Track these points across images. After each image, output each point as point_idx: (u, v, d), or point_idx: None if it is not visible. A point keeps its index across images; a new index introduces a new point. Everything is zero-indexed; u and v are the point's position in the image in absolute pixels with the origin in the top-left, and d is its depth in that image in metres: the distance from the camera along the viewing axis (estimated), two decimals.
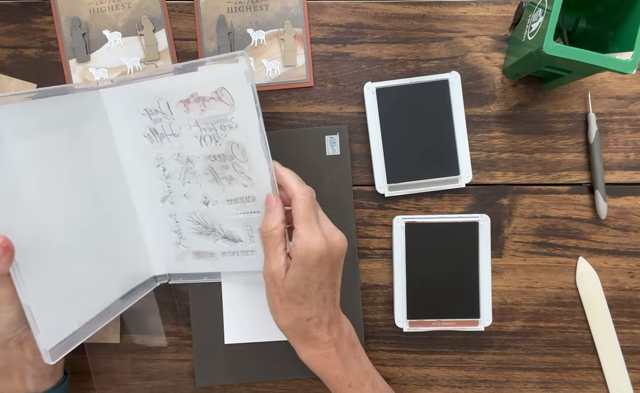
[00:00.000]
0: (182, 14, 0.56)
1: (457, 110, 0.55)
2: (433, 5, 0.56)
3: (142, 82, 0.46)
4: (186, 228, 0.52)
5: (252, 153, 0.46)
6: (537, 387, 0.56)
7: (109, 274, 0.49)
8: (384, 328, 0.56)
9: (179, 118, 0.47)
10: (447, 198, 0.56)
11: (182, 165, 0.49)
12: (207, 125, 0.46)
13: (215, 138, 0.47)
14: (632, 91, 0.55)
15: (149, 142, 0.49)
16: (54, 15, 0.55)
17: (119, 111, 0.49)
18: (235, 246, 0.52)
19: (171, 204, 0.52)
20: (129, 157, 0.50)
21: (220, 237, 0.52)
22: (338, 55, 0.56)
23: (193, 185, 0.50)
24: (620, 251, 0.55)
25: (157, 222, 0.52)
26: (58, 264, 0.44)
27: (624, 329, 0.56)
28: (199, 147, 0.48)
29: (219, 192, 0.49)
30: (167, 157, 0.50)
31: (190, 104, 0.46)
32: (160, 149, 0.49)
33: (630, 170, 0.55)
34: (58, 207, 0.44)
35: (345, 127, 0.55)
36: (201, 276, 0.54)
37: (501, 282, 0.56)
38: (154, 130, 0.49)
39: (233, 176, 0.48)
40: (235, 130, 0.46)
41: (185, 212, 0.51)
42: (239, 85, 0.43)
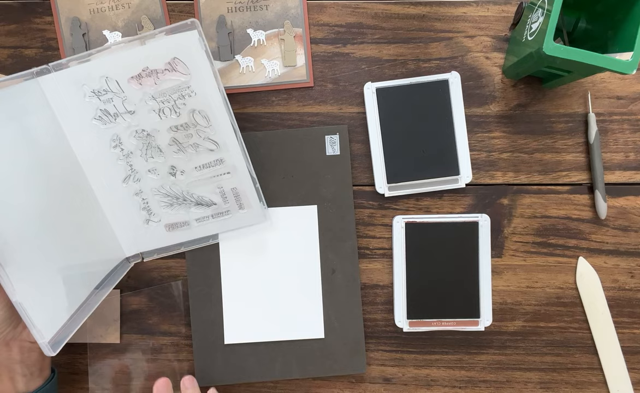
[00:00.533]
0: (182, 14, 0.56)
1: (457, 110, 0.55)
2: (433, 5, 0.56)
3: (83, 64, 0.45)
4: (155, 203, 0.51)
5: (215, 116, 0.46)
6: (537, 387, 0.56)
7: (83, 263, 0.49)
8: (384, 328, 0.56)
9: (133, 95, 0.46)
10: (447, 199, 0.56)
11: (142, 141, 0.48)
12: (164, 97, 0.46)
13: (174, 109, 0.46)
14: (632, 91, 0.55)
15: (102, 124, 0.48)
16: (54, 15, 0.55)
17: (62, 98, 0.47)
18: (209, 210, 0.51)
19: (135, 182, 0.51)
20: (80, 143, 0.49)
21: (193, 204, 0.51)
22: (338, 55, 0.56)
23: (157, 159, 0.49)
24: (620, 251, 0.55)
25: (121, 203, 0.51)
26: (37, 259, 0.44)
27: (624, 329, 0.56)
28: (159, 120, 0.47)
29: (185, 161, 0.49)
30: (125, 136, 0.48)
31: (142, 78, 0.45)
32: (114, 128, 0.48)
33: (630, 170, 0.55)
34: (23, 204, 0.44)
35: (345, 127, 0.55)
36: (177, 247, 0.54)
37: (501, 282, 0.56)
38: (106, 111, 0.47)
39: (198, 143, 0.48)
40: (194, 97, 0.46)
41: (152, 187, 0.51)
42: (193, 52, 0.43)
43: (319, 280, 0.55)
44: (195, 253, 0.55)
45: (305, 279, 0.55)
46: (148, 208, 0.52)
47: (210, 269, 0.55)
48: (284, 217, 0.55)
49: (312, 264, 0.55)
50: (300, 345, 0.55)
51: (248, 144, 0.55)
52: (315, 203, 0.55)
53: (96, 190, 0.51)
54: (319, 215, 0.55)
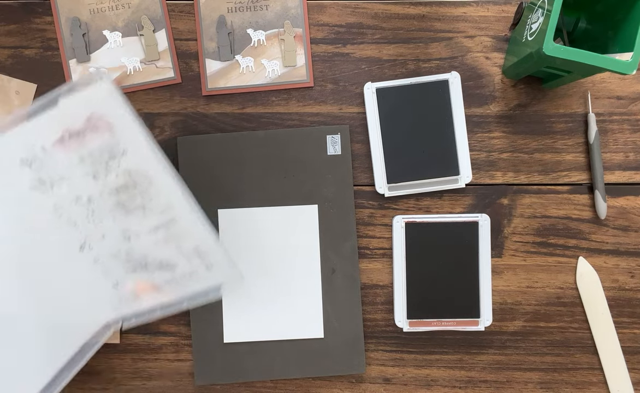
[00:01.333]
0: (182, 14, 0.56)
1: (457, 110, 0.55)
2: (433, 5, 0.56)
3: (4, 134, 0.41)
4: (117, 268, 0.48)
5: (154, 174, 0.42)
6: (537, 387, 0.56)
7: (58, 336, 0.47)
8: (384, 328, 0.56)
9: (61, 160, 0.42)
10: (447, 198, 0.56)
11: (84, 208, 0.45)
12: (93, 159, 0.42)
13: (108, 170, 0.43)
14: (632, 91, 0.55)
15: (40, 193, 0.44)
16: (54, 15, 0.55)
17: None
18: (175, 272, 0.47)
19: (91, 250, 0.47)
20: (23, 217, 0.44)
21: (156, 268, 0.47)
22: (338, 56, 0.56)
23: (106, 223, 0.45)
24: (620, 251, 0.55)
25: (83, 272, 0.48)
26: (8, 336, 0.42)
27: (625, 329, 0.56)
28: (95, 183, 0.43)
29: (136, 223, 0.45)
30: (66, 204, 0.45)
31: (66, 141, 0.42)
32: (53, 197, 0.44)
33: (630, 170, 0.55)
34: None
35: (346, 127, 0.55)
36: (153, 311, 0.49)
37: (501, 282, 0.56)
38: (41, 180, 0.43)
39: (145, 204, 0.44)
40: (127, 156, 0.41)
41: (109, 252, 0.47)
42: (110, 106, 0.39)
43: (319, 279, 0.55)
44: None
45: (305, 279, 0.55)
46: (111, 275, 0.48)
47: None
48: (285, 217, 0.55)
49: (312, 264, 0.55)
50: (300, 344, 0.55)
51: (249, 144, 0.55)
52: (315, 203, 0.55)
53: (54, 262, 0.47)
54: (319, 215, 0.55)
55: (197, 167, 0.55)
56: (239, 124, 0.56)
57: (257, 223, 0.55)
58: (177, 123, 0.56)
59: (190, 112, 0.56)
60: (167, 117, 0.56)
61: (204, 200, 0.55)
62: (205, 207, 0.55)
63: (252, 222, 0.55)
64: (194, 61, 0.56)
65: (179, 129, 0.56)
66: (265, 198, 0.55)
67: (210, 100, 0.56)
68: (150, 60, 0.56)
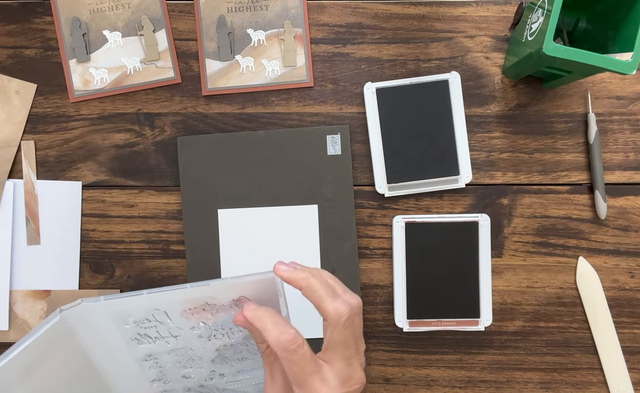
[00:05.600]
0: (182, 14, 0.56)
1: (457, 110, 0.55)
2: (433, 5, 0.56)
3: (132, 298, 0.37)
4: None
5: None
6: (537, 387, 0.56)
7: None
8: (384, 328, 0.56)
9: (182, 324, 0.39)
10: (447, 198, 0.56)
11: (182, 357, 0.42)
12: (217, 326, 0.40)
13: (228, 335, 0.40)
14: (632, 91, 0.55)
15: (137, 343, 0.41)
16: (54, 15, 0.55)
17: (93, 327, 0.39)
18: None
19: (165, 384, 0.45)
20: (108, 362, 0.42)
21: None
22: (338, 56, 0.56)
23: (195, 369, 0.43)
24: (620, 251, 0.55)
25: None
26: None
27: (625, 329, 0.56)
28: (206, 342, 0.41)
29: (227, 368, 0.44)
30: (162, 354, 0.42)
31: (197, 311, 0.38)
32: (152, 349, 0.41)
33: (630, 170, 0.55)
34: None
35: (346, 127, 0.55)
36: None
37: (501, 282, 0.56)
38: (145, 335, 0.40)
39: (247, 356, 0.43)
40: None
41: (183, 387, 0.45)
42: (268, 291, 0.37)
43: None
44: (195, 253, 0.55)
45: None
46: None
47: (210, 267, 0.55)
48: (285, 217, 0.55)
49: (312, 264, 0.55)
50: None
51: (249, 144, 0.55)
52: (315, 203, 0.55)
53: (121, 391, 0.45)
54: (319, 215, 0.55)
55: (197, 167, 0.55)
56: (239, 124, 0.56)
57: (257, 223, 0.55)
58: (177, 123, 0.56)
59: (190, 112, 0.56)
60: (167, 117, 0.56)
61: (204, 200, 0.55)
62: (205, 207, 0.55)
63: (252, 222, 0.55)
64: (194, 61, 0.56)
65: (179, 129, 0.56)
66: (265, 198, 0.55)
67: (210, 100, 0.56)
68: (150, 60, 0.56)
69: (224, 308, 0.38)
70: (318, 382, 0.33)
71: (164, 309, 0.38)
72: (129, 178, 0.56)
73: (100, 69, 0.56)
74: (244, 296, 0.37)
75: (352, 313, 0.34)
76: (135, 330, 0.40)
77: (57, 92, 0.56)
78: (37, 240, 0.55)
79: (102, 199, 0.56)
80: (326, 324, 0.35)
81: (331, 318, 0.34)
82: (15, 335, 0.55)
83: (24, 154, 0.56)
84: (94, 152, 0.56)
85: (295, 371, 0.33)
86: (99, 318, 0.39)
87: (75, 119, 0.56)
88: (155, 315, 0.38)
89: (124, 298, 0.37)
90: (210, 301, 0.37)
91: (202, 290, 0.36)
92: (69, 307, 0.37)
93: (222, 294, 0.37)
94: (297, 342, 0.33)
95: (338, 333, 0.34)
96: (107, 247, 0.56)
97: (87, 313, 0.38)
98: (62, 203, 0.56)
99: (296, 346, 0.33)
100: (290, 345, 0.33)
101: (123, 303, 0.37)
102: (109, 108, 0.56)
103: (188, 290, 0.36)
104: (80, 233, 0.56)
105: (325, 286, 0.35)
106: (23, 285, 0.55)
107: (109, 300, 0.37)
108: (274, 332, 0.34)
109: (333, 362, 0.35)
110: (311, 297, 0.35)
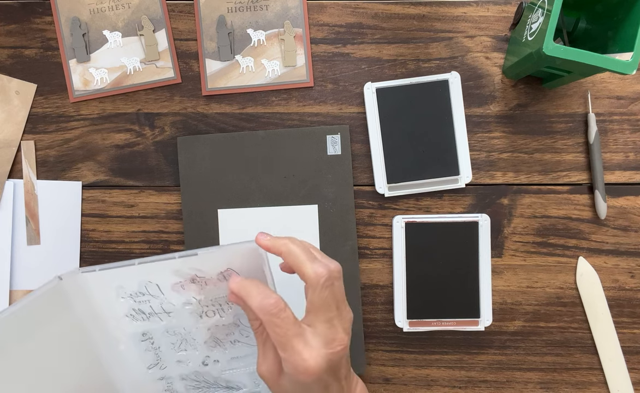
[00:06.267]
0: (182, 14, 0.56)
1: (457, 110, 0.55)
2: (433, 5, 0.56)
3: (125, 268, 0.39)
4: (181, 386, 0.47)
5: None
6: (537, 387, 0.56)
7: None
8: (384, 328, 0.56)
9: (174, 299, 0.41)
10: (447, 198, 0.56)
11: (176, 337, 0.44)
12: (208, 302, 0.41)
13: (219, 312, 0.42)
14: (632, 91, 0.55)
15: (132, 320, 0.43)
16: (54, 15, 0.55)
17: (89, 300, 0.41)
18: (239, 391, 0.48)
19: (161, 370, 0.46)
20: (105, 339, 0.44)
21: (222, 388, 0.48)
22: (338, 55, 0.56)
23: (190, 352, 0.45)
24: (620, 251, 0.55)
25: (142, 385, 0.47)
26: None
27: (625, 329, 0.56)
28: (198, 320, 0.43)
29: (220, 353, 0.45)
30: (157, 332, 0.43)
31: (187, 284, 0.40)
32: (147, 326, 0.43)
33: (630, 170, 0.55)
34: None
35: (346, 127, 0.55)
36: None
37: (501, 282, 0.56)
38: (140, 311, 0.42)
39: (239, 339, 0.44)
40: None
41: (180, 373, 0.46)
42: (253, 263, 0.38)
43: None
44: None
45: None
46: (172, 390, 0.48)
47: None
48: (285, 217, 0.55)
49: None
50: None
51: (249, 144, 0.55)
52: (315, 203, 0.55)
53: (117, 378, 0.46)
54: (319, 215, 0.55)
55: (197, 167, 0.55)
56: (239, 124, 0.56)
57: (257, 223, 0.55)
58: (177, 123, 0.56)
59: (190, 112, 0.56)
60: (167, 117, 0.56)
61: (204, 200, 0.55)
62: (205, 207, 0.55)
63: (252, 222, 0.55)
64: (194, 61, 0.56)
65: (179, 129, 0.56)
66: (265, 198, 0.55)
67: (210, 100, 0.56)
68: (150, 60, 0.56)
69: (212, 282, 0.39)
70: (301, 345, 0.34)
71: (155, 282, 0.40)
72: (129, 178, 0.56)
73: (100, 69, 0.56)
74: (231, 268, 0.38)
75: (331, 275, 0.35)
76: (130, 304, 0.41)
77: (57, 92, 0.56)
78: (37, 240, 0.55)
79: (102, 199, 0.56)
80: (306, 287, 0.36)
81: (310, 280, 0.35)
82: None
83: (24, 154, 0.56)
84: (94, 152, 0.56)
85: (279, 334, 0.34)
86: (95, 292, 0.41)
87: (75, 119, 0.56)
88: (148, 288, 0.40)
89: (118, 269, 0.39)
90: (200, 274, 0.39)
91: (191, 261, 0.38)
92: (68, 273, 0.39)
93: (210, 264, 0.38)
94: (279, 306, 0.35)
95: (318, 294, 0.35)
96: (107, 247, 0.56)
97: (84, 284, 0.40)
98: (62, 203, 0.56)
99: (278, 310, 0.34)
100: (273, 308, 0.34)
101: (116, 273, 0.39)
102: (109, 108, 0.56)
103: (176, 260, 0.38)
104: (80, 233, 0.56)
105: (306, 251, 0.36)
106: (23, 285, 0.55)
107: (103, 271, 0.39)
108: (257, 298, 0.35)
109: (315, 324, 0.36)
110: (292, 262, 0.36)
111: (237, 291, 0.37)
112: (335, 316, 0.36)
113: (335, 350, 0.36)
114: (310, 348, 0.34)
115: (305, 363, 0.34)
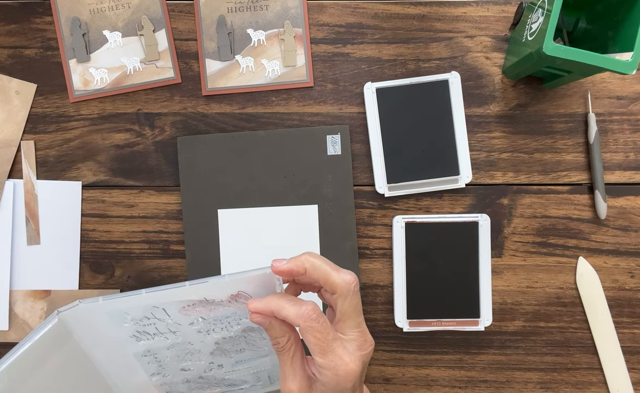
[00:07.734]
0: (182, 14, 0.56)
1: (457, 110, 0.55)
2: (433, 5, 0.56)
3: (131, 297, 0.36)
4: (184, 388, 0.47)
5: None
6: (537, 387, 0.56)
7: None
8: (384, 328, 0.56)
9: (180, 320, 0.39)
10: (447, 198, 0.56)
11: (181, 351, 0.42)
12: (216, 321, 0.40)
13: (226, 328, 0.41)
14: (632, 91, 0.55)
15: (135, 340, 0.41)
16: (54, 15, 0.55)
17: (90, 327, 0.39)
18: (240, 389, 0.48)
19: (164, 377, 0.45)
20: (105, 359, 0.42)
21: (225, 385, 0.47)
22: (338, 55, 0.56)
23: (194, 362, 0.44)
24: (620, 251, 0.55)
25: (146, 388, 0.46)
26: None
27: (625, 329, 0.56)
28: (205, 336, 0.41)
29: (226, 359, 0.44)
30: (161, 349, 0.42)
31: (196, 307, 0.38)
32: (151, 344, 0.41)
33: (630, 170, 0.55)
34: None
35: (346, 127, 0.55)
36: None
37: (501, 282, 0.56)
38: (144, 332, 0.40)
39: (245, 348, 0.43)
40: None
41: (183, 378, 0.46)
42: (264, 285, 0.37)
43: None
44: (195, 253, 0.55)
45: None
46: (174, 392, 0.47)
47: (210, 266, 0.55)
48: (285, 217, 0.55)
49: None
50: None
51: (249, 144, 0.55)
52: (315, 203, 0.55)
53: (117, 389, 0.45)
54: (319, 215, 0.55)
55: (197, 167, 0.55)
56: (239, 124, 0.56)
57: (257, 223, 0.55)
58: (177, 123, 0.56)
59: (190, 112, 0.56)
60: (167, 117, 0.56)
61: (204, 200, 0.55)
62: (205, 207, 0.55)
63: (252, 222, 0.55)
64: (194, 61, 0.56)
65: (179, 129, 0.56)
66: (265, 198, 0.55)
67: (210, 100, 0.56)
68: (150, 60, 0.56)
69: (222, 304, 0.38)
70: (341, 349, 0.34)
71: (162, 307, 0.38)
72: (129, 178, 0.56)
73: (100, 69, 0.56)
74: (242, 291, 0.37)
75: (356, 280, 0.36)
76: (134, 328, 0.40)
77: (57, 92, 0.56)
78: (37, 240, 0.55)
79: (102, 199, 0.56)
80: (335, 297, 0.36)
81: (341, 288, 0.35)
82: (15, 335, 0.55)
83: (24, 154, 0.56)
84: (94, 152, 0.56)
85: (320, 339, 0.34)
86: (97, 318, 0.38)
87: (75, 119, 0.56)
88: (153, 313, 0.38)
89: (123, 299, 0.36)
90: (209, 297, 0.38)
91: (201, 288, 0.37)
92: (67, 308, 0.37)
93: (221, 291, 0.37)
94: (317, 311, 0.34)
95: (349, 301, 0.35)
96: (107, 247, 0.56)
97: (85, 313, 0.38)
98: (62, 203, 0.56)
99: (317, 315, 0.34)
100: (312, 313, 0.34)
101: (121, 303, 0.37)
102: (109, 108, 0.56)
103: (187, 288, 0.36)
104: (80, 233, 0.56)
105: (327, 262, 0.36)
106: (23, 285, 0.55)
107: (107, 301, 0.36)
108: (294, 307, 0.34)
109: (348, 331, 0.36)
110: (318, 275, 0.36)
111: (264, 309, 0.36)
112: (362, 319, 0.37)
113: (367, 351, 0.36)
114: (349, 352, 0.35)
115: (347, 367, 0.34)
